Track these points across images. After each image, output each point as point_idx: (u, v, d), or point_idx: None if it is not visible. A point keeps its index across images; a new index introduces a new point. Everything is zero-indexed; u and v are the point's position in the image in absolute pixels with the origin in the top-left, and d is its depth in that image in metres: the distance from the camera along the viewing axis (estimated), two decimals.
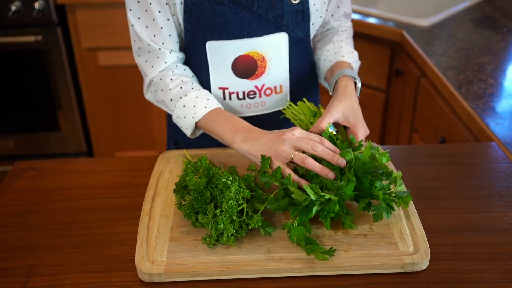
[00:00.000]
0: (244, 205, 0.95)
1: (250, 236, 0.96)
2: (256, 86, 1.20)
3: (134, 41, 1.16)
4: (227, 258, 0.91)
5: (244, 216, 0.95)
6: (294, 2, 1.11)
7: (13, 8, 2.25)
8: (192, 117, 1.10)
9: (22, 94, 2.51)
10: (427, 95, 1.83)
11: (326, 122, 1.03)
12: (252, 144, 1.01)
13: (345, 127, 1.08)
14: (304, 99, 1.16)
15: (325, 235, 0.96)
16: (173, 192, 1.02)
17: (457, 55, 1.82)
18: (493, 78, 1.65)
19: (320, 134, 1.02)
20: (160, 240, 0.95)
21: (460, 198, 1.09)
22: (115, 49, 2.42)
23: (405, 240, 0.94)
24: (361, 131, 1.05)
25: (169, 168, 1.16)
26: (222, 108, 1.13)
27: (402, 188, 0.99)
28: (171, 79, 1.14)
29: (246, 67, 1.17)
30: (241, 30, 1.12)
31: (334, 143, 1.01)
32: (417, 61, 1.88)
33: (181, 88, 1.13)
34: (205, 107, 1.10)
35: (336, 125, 1.08)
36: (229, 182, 0.95)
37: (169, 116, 1.38)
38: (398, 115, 2.13)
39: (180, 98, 1.12)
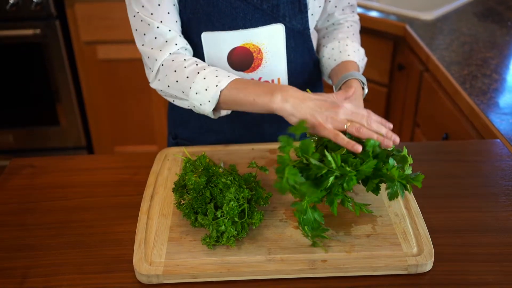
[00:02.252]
0: (245, 205, 0.93)
1: (251, 236, 0.94)
2: (253, 79, 1.17)
3: (136, 29, 1.10)
4: (227, 259, 0.89)
5: (246, 217, 0.93)
6: None
7: (11, 0, 2.22)
8: (216, 86, 1.02)
9: (21, 88, 2.49)
10: (430, 90, 1.80)
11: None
12: (297, 105, 0.95)
13: None
14: (308, 90, 1.12)
15: (327, 235, 0.94)
16: (172, 191, 1.00)
17: (461, 49, 1.79)
18: (498, 73, 1.62)
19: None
20: (158, 240, 0.93)
21: (465, 196, 1.07)
22: (114, 42, 2.40)
23: (408, 240, 0.92)
24: None
25: (167, 166, 1.14)
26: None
27: (410, 171, 0.95)
28: (185, 59, 1.08)
29: (242, 59, 1.15)
30: (235, 20, 1.10)
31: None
32: (420, 56, 1.85)
33: (197, 64, 1.07)
34: (228, 76, 1.03)
35: None
36: (229, 182, 0.93)
37: (169, 110, 1.36)
38: (400, 110, 2.11)
39: (198, 73, 1.04)
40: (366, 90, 1.14)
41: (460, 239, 0.96)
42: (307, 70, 1.24)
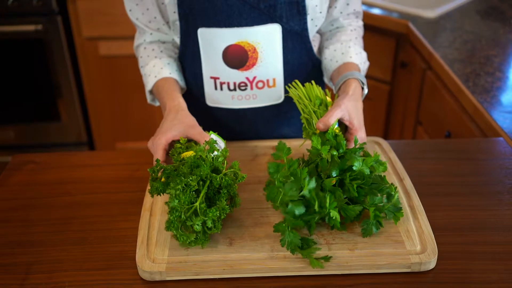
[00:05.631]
0: (196, 204, 0.88)
1: (253, 233, 0.94)
2: (247, 78, 1.17)
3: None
4: (229, 256, 0.89)
5: (200, 215, 0.88)
6: None
7: None
8: (146, 85, 1.19)
9: (22, 84, 2.48)
10: (433, 88, 1.80)
11: (335, 117, 1.00)
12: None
13: (345, 128, 1.06)
14: (312, 81, 1.11)
15: (330, 233, 0.94)
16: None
17: (464, 47, 1.79)
18: (501, 71, 1.62)
19: (326, 130, 0.99)
20: (161, 237, 0.93)
21: (468, 195, 1.07)
22: (116, 38, 2.40)
23: (412, 238, 0.92)
24: (361, 136, 1.02)
25: None
26: (174, 77, 1.17)
27: (397, 202, 0.96)
28: (145, 48, 1.23)
29: (236, 57, 1.15)
30: (231, 18, 1.10)
31: (338, 143, 0.98)
32: (423, 53, 1.85)
33: (148, 56, 1.21)
34: (155, 76, 1.17)
35: (339, 123, 1.05)
36: (170, 190, 0.89)
37: None
38: (402, 107, 2.10)
39: (143, 67, 1.21)
40: (366, 91, 1.13)
41: (463, 238, 0.96)
42: (304, 72, 1.23)
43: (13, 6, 2.25)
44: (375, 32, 2.10)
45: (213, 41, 1.13)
